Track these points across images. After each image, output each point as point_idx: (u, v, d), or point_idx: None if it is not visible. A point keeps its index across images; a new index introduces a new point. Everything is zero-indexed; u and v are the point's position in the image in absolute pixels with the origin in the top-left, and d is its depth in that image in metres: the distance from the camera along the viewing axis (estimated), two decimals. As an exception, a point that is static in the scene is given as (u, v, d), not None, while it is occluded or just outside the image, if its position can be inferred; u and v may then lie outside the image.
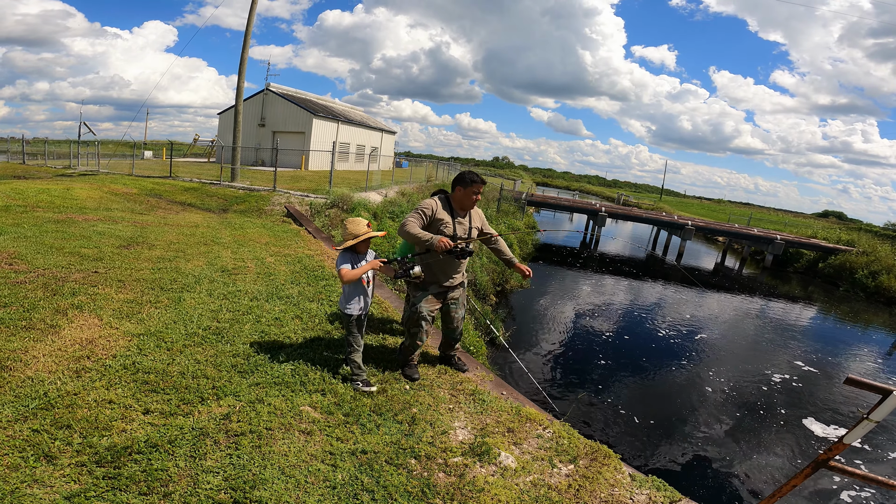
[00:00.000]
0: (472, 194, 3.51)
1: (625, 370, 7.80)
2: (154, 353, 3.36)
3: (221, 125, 28.14)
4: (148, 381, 2.99)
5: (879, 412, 1.92)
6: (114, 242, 6.33)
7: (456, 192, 3.56)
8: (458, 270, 3.63)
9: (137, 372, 3.09)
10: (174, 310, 4.19)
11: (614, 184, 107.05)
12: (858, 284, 18.32)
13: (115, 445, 2.37)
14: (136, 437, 2.45)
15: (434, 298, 3.58)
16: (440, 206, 3.50)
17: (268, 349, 3.65)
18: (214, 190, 13.09)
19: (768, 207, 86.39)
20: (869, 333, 13.25)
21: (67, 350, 3.26)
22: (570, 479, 2.76)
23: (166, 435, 2.50)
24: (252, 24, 14.97)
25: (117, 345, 3.42)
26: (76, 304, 4.03)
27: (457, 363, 4.03)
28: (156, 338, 3.59)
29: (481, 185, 3.54)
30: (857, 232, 29.54)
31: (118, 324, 3.76)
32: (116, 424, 2.54)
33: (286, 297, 4.92)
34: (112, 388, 2.88)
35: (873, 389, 1.94)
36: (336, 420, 2.89)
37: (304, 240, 8.19)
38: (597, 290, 13.91)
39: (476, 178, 3.54)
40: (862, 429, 1.98)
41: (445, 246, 3.21)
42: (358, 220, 3.24)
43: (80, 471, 2.19)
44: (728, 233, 24.71)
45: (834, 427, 6.56)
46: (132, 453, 2.34)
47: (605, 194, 64.49)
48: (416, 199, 15.74)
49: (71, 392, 2.77)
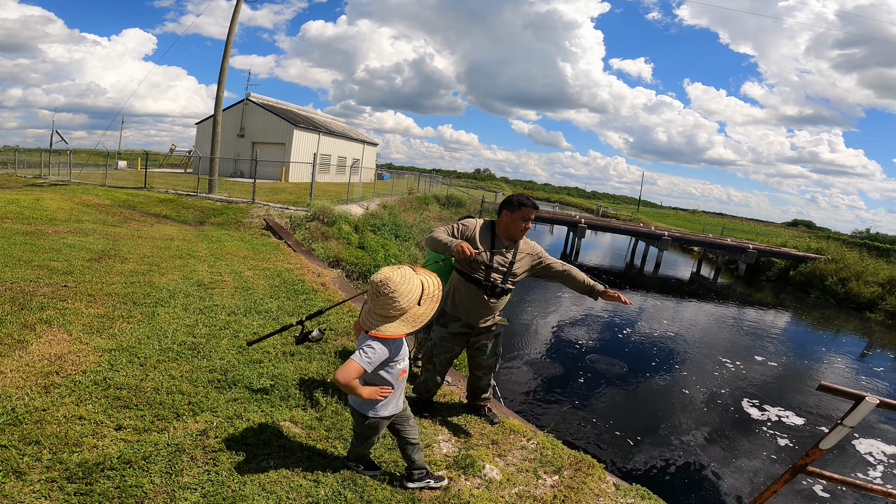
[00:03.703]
0: (520, 220, 2.89)
1: (606, 380, 7.85)
2: (126, 369, 3.24)
3: (199, 135, 27.72)
4: (120, 397, 2.89)
5: (853, 418, 1.94)
6: (84, 255, 6.14)
7: (502, 216, 2.95)
8: (488, 311, 2.99)
9: (109, 388, 2.98)
10: (147, 325, 4.06)
11: (593, 195, 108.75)
12: (829, 291, 18.89)
13: (87, 461, 2.29)
14: (109, 454, 2.37)
15: (453, 338, 3.05)
16: (480, 229, 2.94)
17: (246, 364, 3.56)
18: (191, 202, 12.85)
19: (741, 217, 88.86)
20: (840, 339, 13.64)
21: (35, 365, 3.13)
22: (555, 489, 2.75)
23: (140, 451, 2.42)
24: (233, 33, 14.88)
25: (87, 360, 3.29)
26: (44, 318, 3.88)
27: (487, 415, 3.40)
28: (128, 353, 3.47)
29: (532, 210, 2.91)
30: (825, 240, 30.45)
31: (88, 339, 3.63)
32: (87, 440, 2.46)
33: (265, 312, 4.82)
34: (82, 403, 2.78)
35: (846, 396, 1.95)
36: (318, 435, 2.83)
37: (283, 253, 8.08)
38: (577, 300, 14.03)
39: (526, 201, 2.91)
40: (837, 434, 2.00)
41: (466, 252, 2.66)
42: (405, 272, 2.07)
43: (50, 486, 2.12)
44: (703, 243, 25.28)
45: (812, 431, 6.71)
46: (104, 469, 2.26)
47: (585, 206, 65.46)
48: (397, 212, 15.72)
49: (39, 408, 2.67)
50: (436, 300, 2.12)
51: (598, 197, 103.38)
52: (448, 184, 37.48)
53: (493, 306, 2.99)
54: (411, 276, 2.07)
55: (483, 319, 3.02)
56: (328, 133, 30.99)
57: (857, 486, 2.10)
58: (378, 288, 2.01)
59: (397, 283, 2.00)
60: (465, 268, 2.95)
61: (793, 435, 6.57)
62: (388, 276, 2.02)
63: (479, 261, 2.89)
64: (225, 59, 14.81)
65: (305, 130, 27.99)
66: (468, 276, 2.95)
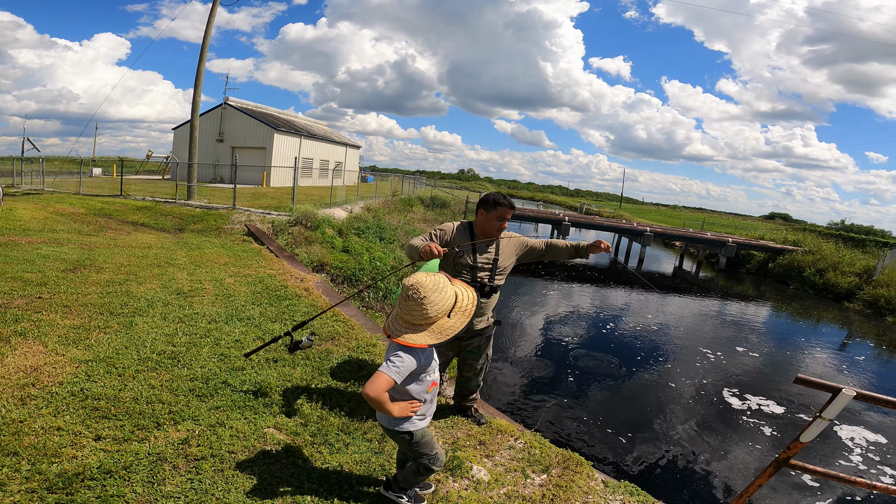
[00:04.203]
0: (496, 219, 2.85)
1: (592, 377, 7.91)
2: (104, 380, 3.17)
3: (177, 141, 27.27)
4: (98, 408, 2.83)
5: (831, 410, 1.93)
6: (59, 266, 5.98)
7: (478, 216, 2.93)
8: (480, 312, 2.96)
9: (86, 398, 2.92)
10: (125, 335, 3.97)
11: (576, 193, 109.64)
12: (807, 282, 19.32)
13: (67, 472, 2.26)
14: (88, 464, 2.33)
15: (447, 344, 2.94)
16: (458, 231, 2.94)
17: (228, 372, 3.50)
18: (169, 209, 12.60)
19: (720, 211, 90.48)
20: (820, 329, 13.96)
21: (11, 378, 3.06)
22: (544, 488, 2.75)
23: (121, 461, 2.38)
24: (209, 37, 14.65)
25: (64, 371, 3.22)
26: (19, 330, 3.77)
27: (473, 415, 3.39)
28: (105, 364, 3.39)
29: (508, 209, 2.86)
30: (801, 232, 31.21)
31: (64, 350, 3.54)
32: (66, 451, 2.42)
33: (247, 319, 4.74)
34: (60, 414, 2.73)
35: (823, 388, 1.95)
36: (303, 440, 2.79)
37: (265, 259, 7.97)
38: (563, 298, 14.13)
39: (502, 199, 2.86)
40: (816, 427, 2.00)
41: (434, 251, 2.58)
42: (439, 279, 1.95)
43: (30, 497, 2.09)
44: (684, 237, 25.68)
45: (796, 421, 6.84)
46: (85, 479, 2.23)
47: (569, 204, 65.94)
48: (381, 214, 15.64)
49: (16, 419, 2.62)
50: (467, 314, 1.99)
51: (582, 195, 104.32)
52: (432, 185, 37.43)
53: (484, 306, 2.97)
54: (445, 285, 1.95)
55: (476, 321, 2.99)
56: (310, 136, 30.74)
57: (839, 479, 2.12)
58: (408, 292, 1.90)
59: (429, 290, 1.89)
60: (451, 272, 2.91)
61: (779, 426, 6.70)
62: (421, 280, 1.91)
63: (463, 263, 2.87)
64: (201, 63, 14.58)
65: (286, 134, 27.72)
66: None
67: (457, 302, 1.97)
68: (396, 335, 1.91)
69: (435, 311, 1.89)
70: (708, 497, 5.00)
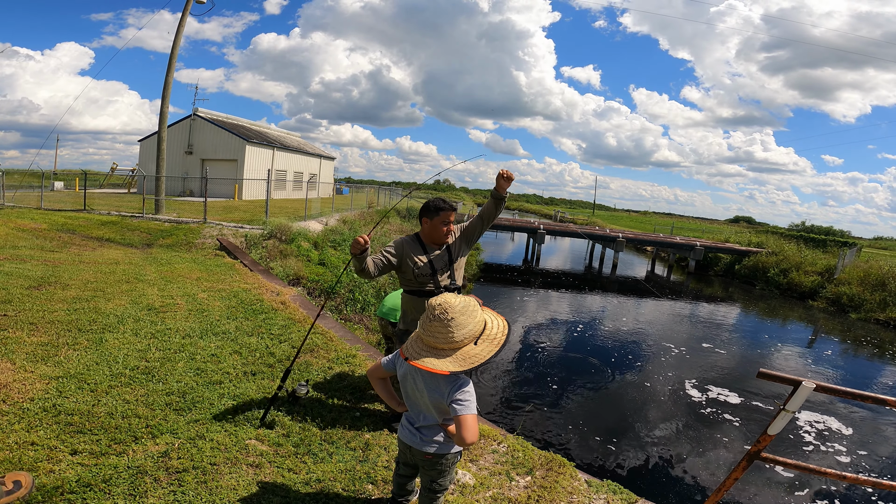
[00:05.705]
0: (440, 224, 2.86)
1: (572, 380, 8.01)
2: (76, 395, 3.08)
3: (143, 153, 26.51)
4: (72, 423, 2.76)
5: (793, 402, 1.99)
6: (23, 283, 5.75)
7: (423, 225, 2.92)
8: None
9: (59, 414, 2.84)
10: (95, 351, 3.84)
11: (551, 201, 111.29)
12: (772, 282, 20.04)
13: (45, 486, 2.21)
14: (67, 477, 2.28)
15: None
16: (407, 245, 2.91)
17: (205, 386, 3.43)
18: (136, 223, 12.24)
19: (688, 216, 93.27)
20: (787, 327, 14.48)
21: (-23, 396, 2.92)
22: (529, 490, 2.77)
23: (99, 474, 2.33)
24: (178, 47, 14.39)
25: (34, 388, 3.12)
26: (-20, 351, 3.61)
27: None
28: (76, 380, 3.28)
29: (451, 212, 2.88)
30: (765, 234, 32.41)
31: (33, 367, 3.42)
32: (42, 465, 2.36)
33: (222, 333, 4.64)
34: (33, 430, 2.66)
35: (784, 381, 2.00)
36: (286, 451, 2.75)
37: (239, 273, 7.81)
38: (541, 304, 14.29)
39: (443, 204, 2.87)
40: (782, 420, 2.06)
41: (359, 241, 2.60)
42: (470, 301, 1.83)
43: None
44: (655, 242, 26.36)
45: (769, 414, 7.06)
46: (64, 493, 2.18)
47: (544, 212, 66.85)
48: (357, 227, 15.55)
49: (-12, 435, 2.52)
50: (496, 344, 1.79)
51: (556, 203, 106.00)
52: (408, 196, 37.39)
53: None
54: (476, 309, 1.79)
55: None
56: (283, 148, 30.40)
57: (810, 471, 2.18)
58: (434, 311, 1.73)
59: (457, 311, 1.72)
60: (414, 285, 2.93)
61: (750, 420, 6.91)
62: (450, 301, 1.75)
63: (425, 273, 2.86)
64: (169, 73, 14.30)
65: (258, 146, 27.34)
66: (420, 293, 2.91)
67: (485, 329, 1.80)
68: (415, 359, 1.75)
69: (462, 336, 1.73)
70: (687, 492, 5.11)
